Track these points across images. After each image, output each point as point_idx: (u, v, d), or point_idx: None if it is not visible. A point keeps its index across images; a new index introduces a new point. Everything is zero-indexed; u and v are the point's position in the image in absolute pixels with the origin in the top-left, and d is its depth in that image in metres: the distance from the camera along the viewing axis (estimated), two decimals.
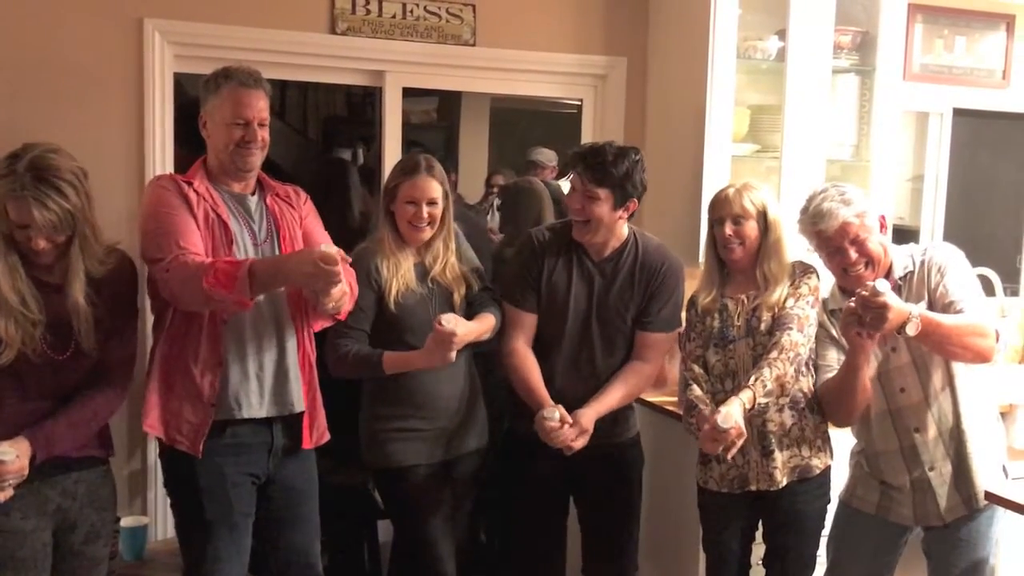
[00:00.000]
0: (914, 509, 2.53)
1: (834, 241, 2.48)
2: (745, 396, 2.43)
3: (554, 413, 2.51)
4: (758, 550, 2.70)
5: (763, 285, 2.59)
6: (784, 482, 2.55)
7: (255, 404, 2.39)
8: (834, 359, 2.57)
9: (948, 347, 2.39)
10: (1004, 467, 2.56)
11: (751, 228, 2.58)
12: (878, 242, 2.49)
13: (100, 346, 2.24)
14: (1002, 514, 2.54)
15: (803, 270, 2.62)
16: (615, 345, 2.68)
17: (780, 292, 2.56)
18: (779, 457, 2.55)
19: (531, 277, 2.68)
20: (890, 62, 3.50)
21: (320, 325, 2.51)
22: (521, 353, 2.65)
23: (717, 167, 3.29)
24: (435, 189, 2.62)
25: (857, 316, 2.30)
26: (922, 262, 2.51)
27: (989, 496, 2.47)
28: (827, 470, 2.62)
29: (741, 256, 2.59)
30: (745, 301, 2.60)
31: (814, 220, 2.49)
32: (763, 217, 2.59)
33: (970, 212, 3.77)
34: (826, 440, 2.63)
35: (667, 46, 3.52)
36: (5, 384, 2.16)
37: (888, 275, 2.49)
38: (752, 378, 2.45)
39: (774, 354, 2.46)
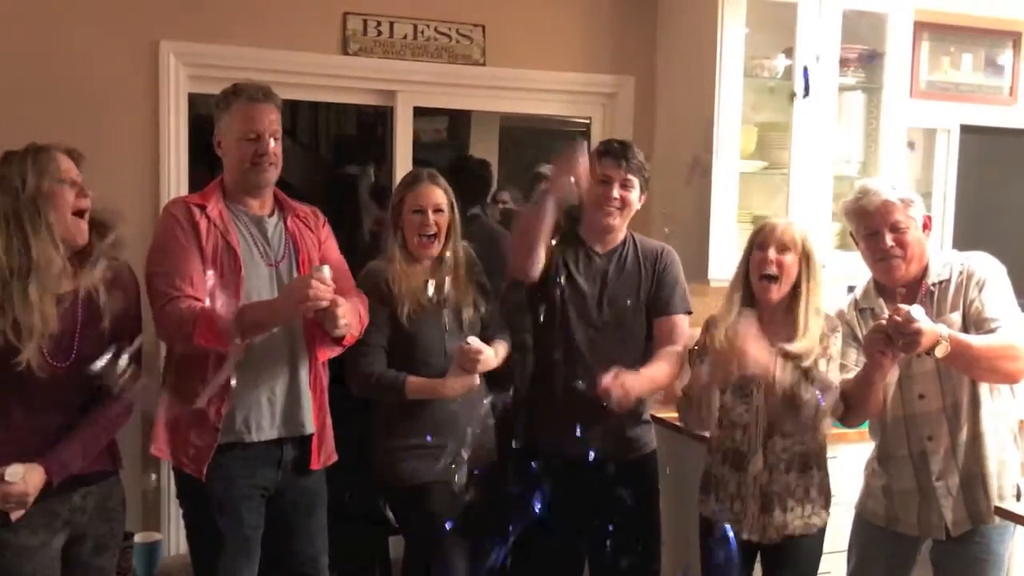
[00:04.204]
0: (919, 519, 2.51)
1: (874, 221, 2.45)
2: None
3: None
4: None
5: (796, 331, 2.50)
6: (779, 539, 2.54)
7: (265, 427, 2.42)
8: (853, 359, 2.54)
9: (976, 369, 2.37)
10: (1018, 486, 2.52)
11: (792, 261, 2.51)
12: (918, 238, 2.46)
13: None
14: (1013, 532, 2.52)
15: (832, 327, 2.55)
16: (627, 333, 2.69)
17: (809, 346, 2.47)
18: (778, 516, 2.53)
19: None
20: (897, 79, 3.53)
21: (325, 355, 2.50)
22: None
23: (725, 184, 3.31)
24: (439, 196, 2.67)
25: (885, 336, 2.26)
26: (960, 271, 2.46)
27: (1000, 512, 2.45)
28: (824, 527, 2.60)
29: (776, 297, 2.52)
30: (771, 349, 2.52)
31: (858, 196, 2.49)
32: (805, 257, 2.52)
33: (978, 229, 3.78)
34: (828, 497, 2.60)
35: (675, 64, 3.55)
36: (11, 398, 2.17)
37: (923, 278, 2.47)
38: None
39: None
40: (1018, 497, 2.50)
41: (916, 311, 2.23)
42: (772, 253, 2.51)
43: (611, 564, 2.75)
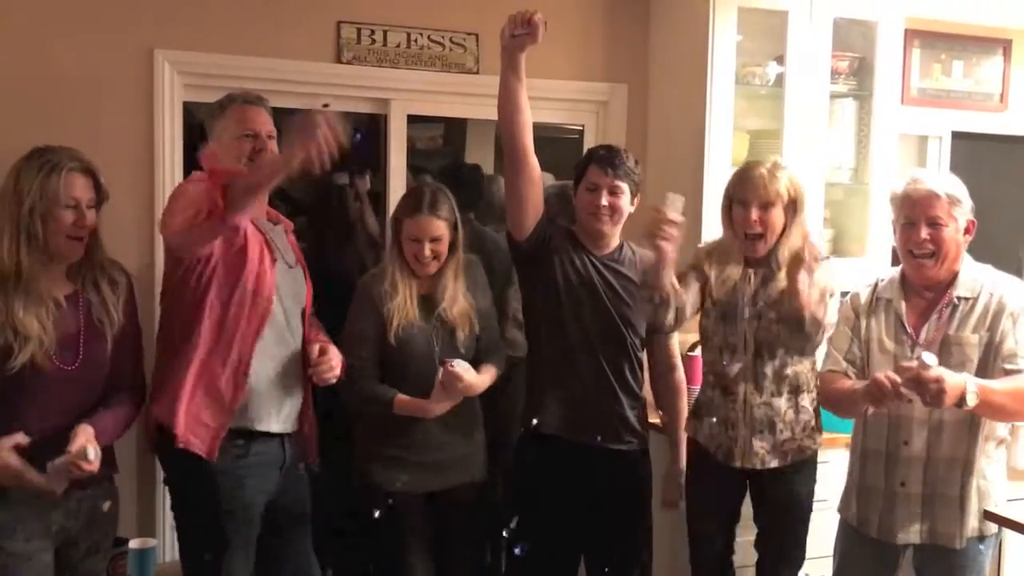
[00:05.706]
0: (880, 520, 2.50)
1: (914, 210, 2.37)
2: None
3: None
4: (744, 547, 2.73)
5: (777, 268, 2.52)
6: (773, 464, 2.53)
7: (273, 418, 2.43)
8: (845, 347, 2.51)
9: (1000, 415, 2.34)
10: (997, 505, 2.49)
11: (778, 214, 2.45)
12: (956, 240, 2.39)
13: (110, 358, 2.29)
14: (995, 540, 2.52)
15: (814, 255, 2.46)
16: (625, 335, 2.67)
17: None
18: (768, 439, 2.53)
19: None
20: (888, 87, 3.55)
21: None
22: None
23: (717, 191, 3.32)
24: (438, 227, 2.63)
25: (894, 392, 2.21)
26: (991, 295, 2.39)
27: (990, 516, 2.45)
28: (815, 454, 2.61)
29: (763, 251, 2.51)
30: (753, 276, 2.54)
31: (908, 182, 2.41)
32: (792, 203, 2.46)
33: None
34: (818, 422, 2.60)
35: (667, 72, 3.57)
36: (22, 402, 2.19)
37: (949, 286, 2.42)
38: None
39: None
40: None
41: (928, 358, 2.17)
42: (755, 212, 2.46)
43: (608, 549, 2.74)
